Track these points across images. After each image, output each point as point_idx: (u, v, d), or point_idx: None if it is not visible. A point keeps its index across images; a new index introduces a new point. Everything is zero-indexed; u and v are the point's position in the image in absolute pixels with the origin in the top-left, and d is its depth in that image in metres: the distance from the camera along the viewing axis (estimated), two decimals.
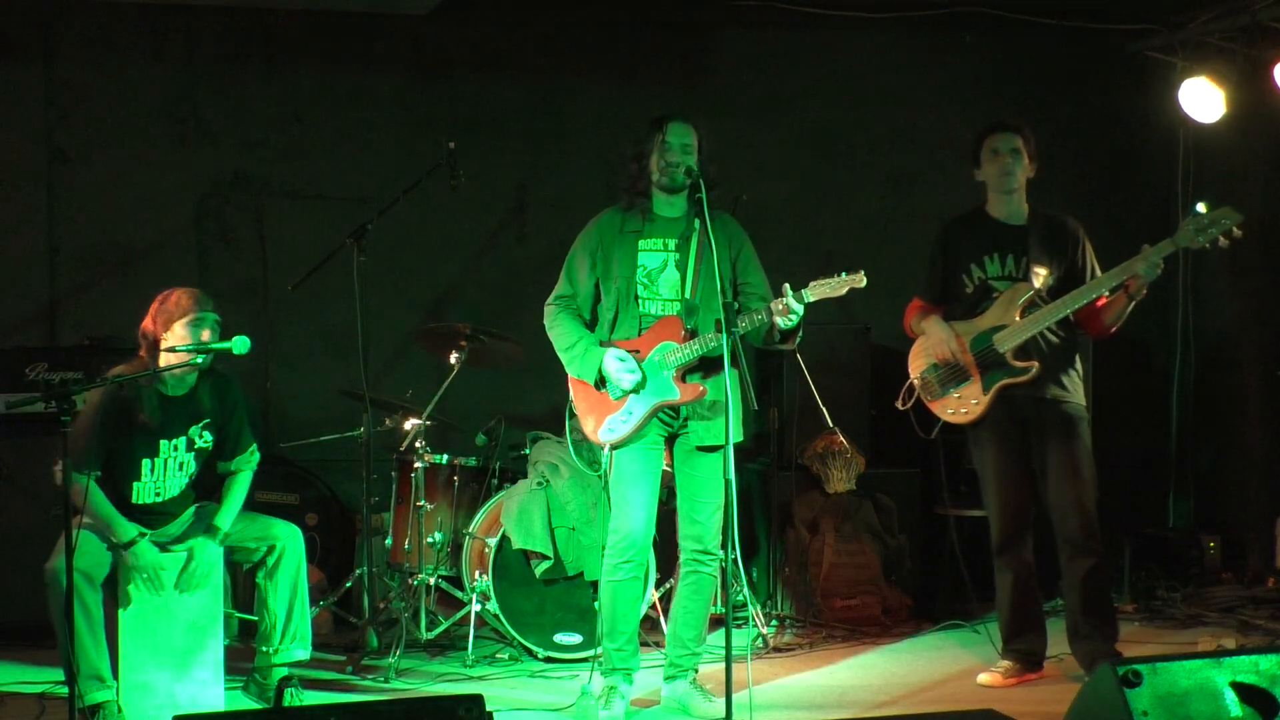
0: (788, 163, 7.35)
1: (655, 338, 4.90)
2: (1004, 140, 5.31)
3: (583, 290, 5.01)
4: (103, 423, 4.79)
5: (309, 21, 6.80)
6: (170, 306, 4.85)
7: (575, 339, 4.94)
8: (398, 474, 6.11)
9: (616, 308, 4.94)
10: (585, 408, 4.99)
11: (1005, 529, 5.37)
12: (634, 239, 4.94)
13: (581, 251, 5.01)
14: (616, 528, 4.93)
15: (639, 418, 4.87)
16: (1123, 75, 7.46)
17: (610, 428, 4.90)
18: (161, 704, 4.79)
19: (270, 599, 5.00)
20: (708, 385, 4.87)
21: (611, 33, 7.18)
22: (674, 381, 4.87)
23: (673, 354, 4.86)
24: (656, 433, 4.94)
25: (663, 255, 4.95)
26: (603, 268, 4.97)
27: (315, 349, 6.86)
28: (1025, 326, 5.21)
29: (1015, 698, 5.12)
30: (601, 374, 4.89)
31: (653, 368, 4.88)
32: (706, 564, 4.98)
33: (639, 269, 4.93)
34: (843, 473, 6.43)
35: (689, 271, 4.91)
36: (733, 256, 4.98)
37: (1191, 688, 3.50)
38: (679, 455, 4.99)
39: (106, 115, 6.70)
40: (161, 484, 4.95)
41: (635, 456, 4.91)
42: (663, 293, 4.93)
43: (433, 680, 5.47)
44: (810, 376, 6.35)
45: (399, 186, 6.01)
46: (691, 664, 5.06)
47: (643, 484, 4.92)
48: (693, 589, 5.01)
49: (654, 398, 4.88)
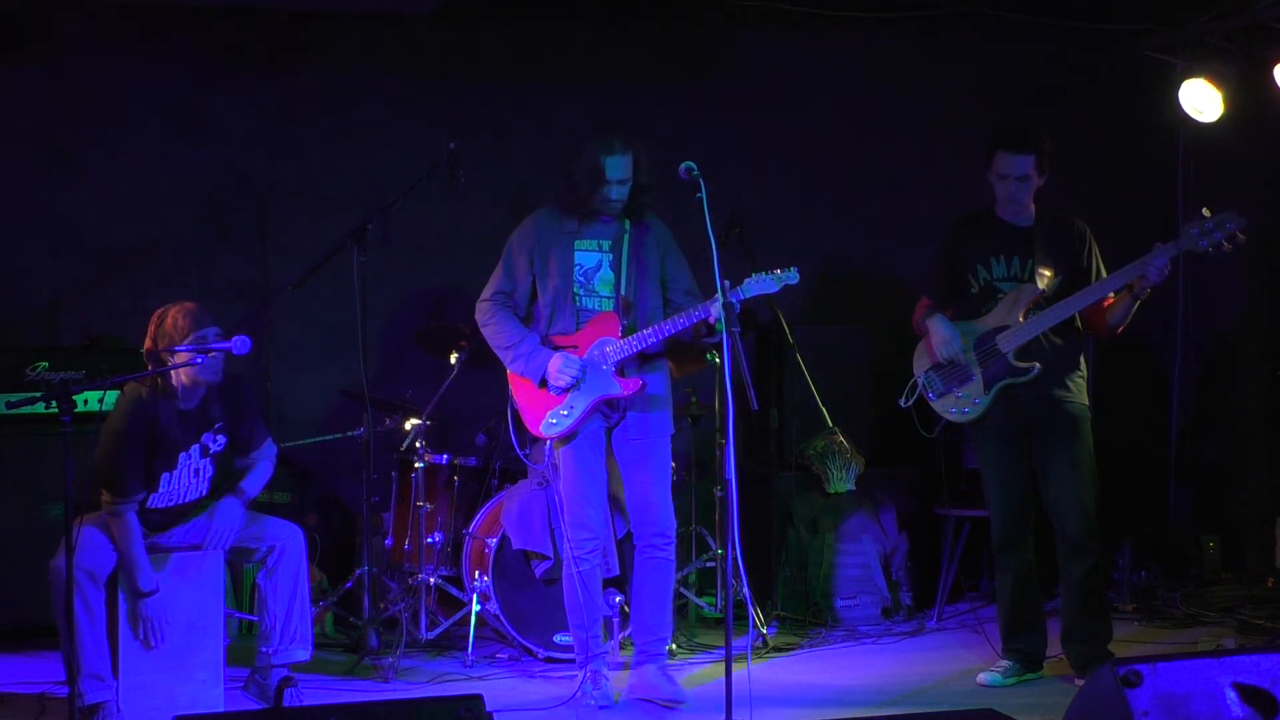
0: (788, 163, 7.35)
1: (594, 333, 5.08)
2: (1014, 165, 5.25)
3: (520, 287, 5.19)
4: (132, 442, 4.76)
5: (309, 21, 6.80)
6: (169, 328, 4.78)
7: (518, 338, 5.13)
8: (398, 474, 6.11)
9: (554, 305, 5.12)
10: (526, 402, 5.17)
11: (1006, 529, 5.38)
12: (571, 239, 5.12)
13: (519, 249, 5.19)
14: (577, 523, 5.10)
15: (580, 412, 5.05)
16: (1123, 75, 7.45)
17: (552, 421, 5.08)
18: (161, 704, 4.79)
19: (270, 599, 5.00)
20: (646, 379, 5.07)
21: (612, 33, 7.18)
22: (613, 376, 5.04)
23: (611, 349, 5.04)
24: (600, 426, 5.12)
25: (598, 255, 5.14)
26: (540, 266, 5.15)
27: (315, 349, 6.85)
28: (1028, 327, 5.21)
29: (1015, 698, 5.12)
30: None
31: (592, 363, 5.04)
32: (662, 547, 5.15)
33: (576, 268, 5.11)
34: (843, 473, 6.43)
35: (624, 269, 5.10)
36: (662, 255, 5.18)
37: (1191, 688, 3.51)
38: (619, 446, 5.16)
39: (106, 115, 6.69)
40: (177, 491, 4.94)
41: (582, 452, 5.10)
42: (599, 290, 5.12)
43: (433, 680, 5.47)
44: (810, 376, 6.36)
45: (399, 186, 6.01)
46: (659, 647, 5.18)
47: (594, 478, 5.11)
48: (653, 573, 5.16)
49: (594, 392, 5.05)
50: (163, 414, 4.82)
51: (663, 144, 6.86)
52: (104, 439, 4.78)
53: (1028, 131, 5.32)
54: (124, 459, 4.74)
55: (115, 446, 4.76)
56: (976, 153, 5.46)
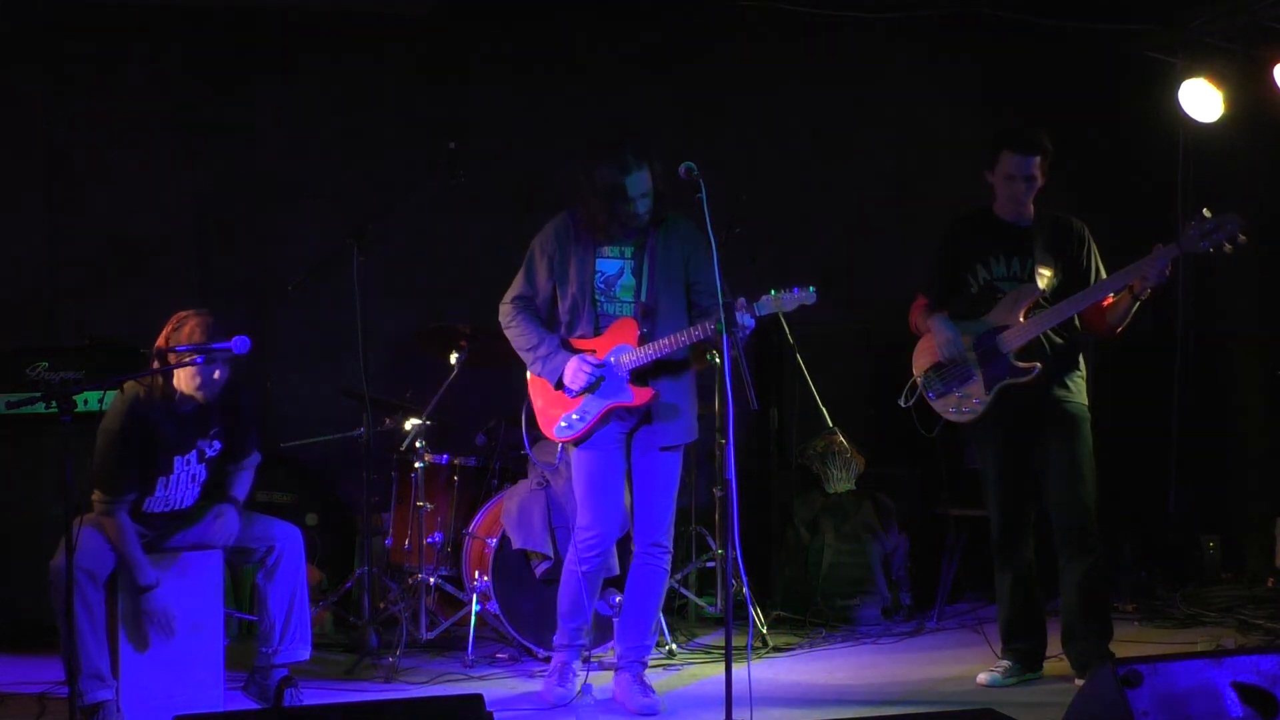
0: (788, 163, 7.35)
1: (612, 339, 5.05)
2: (1022, 165, 5.24)
3: (541, 293, 5.17)
4: (125, 442, 4.76)
5: (310, 21, 6.80)
6: (183, 338, 4.76)
7: (539, 339, 5.11)
8: (398, 474, 6.11)
9: (573, 310, 5.10)
10: (541, 404, 5.17)
11: (1006, 528, 5.38)
12: (591, 247, 5.09)
13: (540, 255, 5.16)
14: (587, 525, 5.10)
15: (592, 417, 5.04)
16: (1123, 75, 7.45)
17: (565, 425, 5.08)
18: (161, 704, 4.79)
19: (270, 599, 5.00)
20: (661, 389, 5.03)
21: (611, 33, 7.18)
22: (627, 384, 5.03)
23: (628, 357, 5.01)
24: (617, 430, 5.09)
25: (620, 263, 5.10)
26: (560, 272, 5.12)
27: (315, 349, 6.86)
28: (1028, 327, 5.21)
29: (1015, 698, 5.12)
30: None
31: (608, 369, 5.03)
32: (658, 557, 5.15)
33: (597, 274, 5.08)
34: (843, 473, 6.43)
35: (644, 276, 5.06)
36: (686, 257, 5.11)
37: (1191, 688, 3.51)
38: (637, 452, 5.14)
39: (106, 115, 6.69)
40: (174, 496, 4.94)
41: (597, 455, 5.08)
42: (620, 296, 5.10)
43: (433, 680, 5.47)
44: (810, 376, 6.36)
45: (399, 187, 6.01)
46: (640, 656, 5.18)
47: (608, 482, 5.09)
48: (645, 581, 5.16)
49: (607, 399, 5.04)
50: (159, 415, 4.83)
51: (663, 144, 6.92)
52: (98, 438, 4.79)
53: (1034, 132, 5.31)
54: (116, 458, 4.75)
55: (107, 444, 4.76)
56: (976, 153, 5.46)
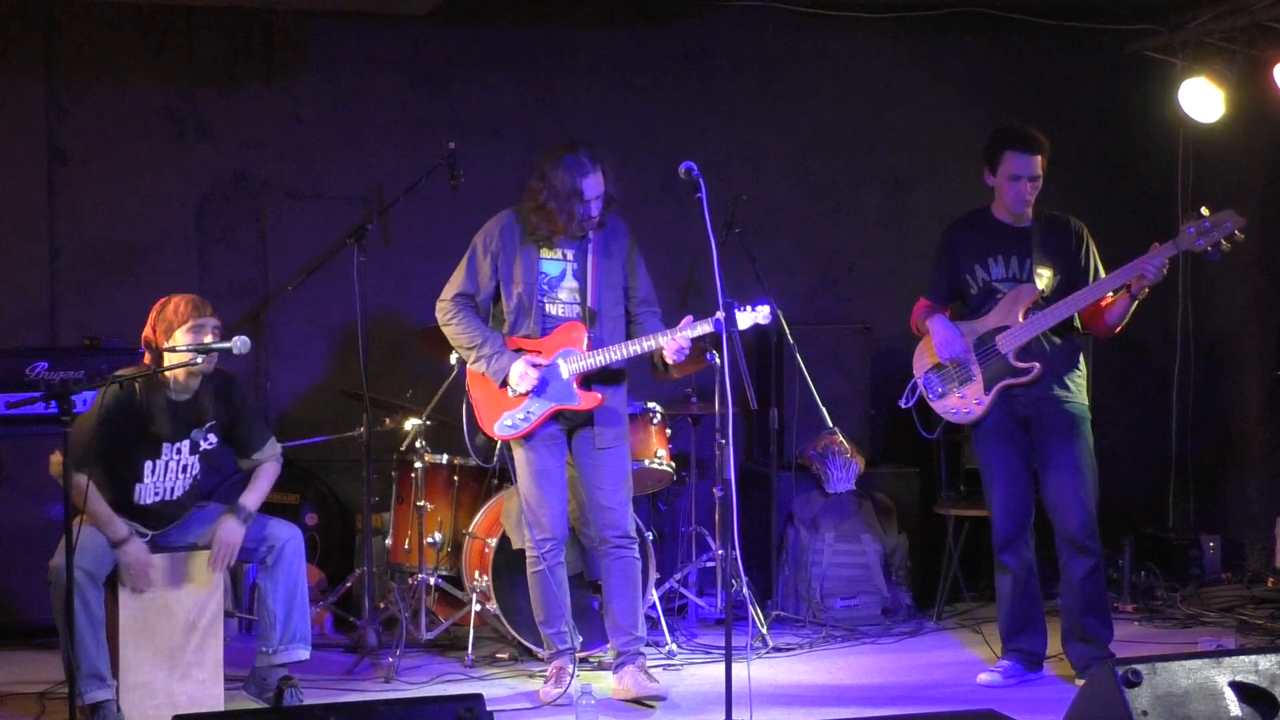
0: (788, 163, 7.35)
1: (559, 342, 5.10)
2: (1026, 165, 5.24)
3: (484, 290, 5.20)
4: (105, 420, 4.79)
5: (309, 21, 6.80)
6: (169, 314, 4.84)
7: (483, 337, 5.16)
8: (398, 474, 6.11)
9: (518, 310, 5.14)
10: (482, 400, 5.21)
11: (1006, 528, 5.38)
12: (534, 247, 5.12)
13: (483, 253, 5.19)
14: (537, 523, 5.15)
15: (537, 418, 5.10)
16: (1123, 75, 7.45)
17: (507, 423, 5.13)
18: (161, 704, 4.79)
19: (270, 599, 5.00)
20: (604, 393, 5.09)
21: (611, 33, 7.18)
22: (574, 388, 5.07)
23: (575, 361, 5.06)
24: (557, 428, 5.16)
25: (561, 264, 5.15)
26: (505, 270, 5.15)
27: (315, 349, 6.85)
28: (1028, 327, 5.22)
29: (1015, 698, 5.12)
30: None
31: (554, 372, 5.07)
32: (628, 547, 5.20)
33: (540, 275, 5.12)
34: (843, 473, 6.43)
35: (588, 279, 5.11)
36: (624, 259, 5.19)
37: (1191, 688, 3.51)
38: (579, 450, 5.20)
39: (106, 115, 6.69)
40: (163, 485, 4.95)
41: (539, 453, 5.15)
42: (563, 298, 5.14)
43: (433, 680, 5.47)
44: (810, 376, 6.36)
45: (399, 186, 6.00)
46: (637, 646, 5.22)
47: (551, 478, 5.16)
48: (621, 573, 5.21)
49: (552, 401, 5.09)
50: (152, 402, 4.85)
51: (663, 144, 6.92)
52: (85, 413, 4.81)
53: (1034, 130, 5.31)
54: (91, 429, 4.76)
55: (87, 415, 4.79)
56: (976, 153, 5.46)
